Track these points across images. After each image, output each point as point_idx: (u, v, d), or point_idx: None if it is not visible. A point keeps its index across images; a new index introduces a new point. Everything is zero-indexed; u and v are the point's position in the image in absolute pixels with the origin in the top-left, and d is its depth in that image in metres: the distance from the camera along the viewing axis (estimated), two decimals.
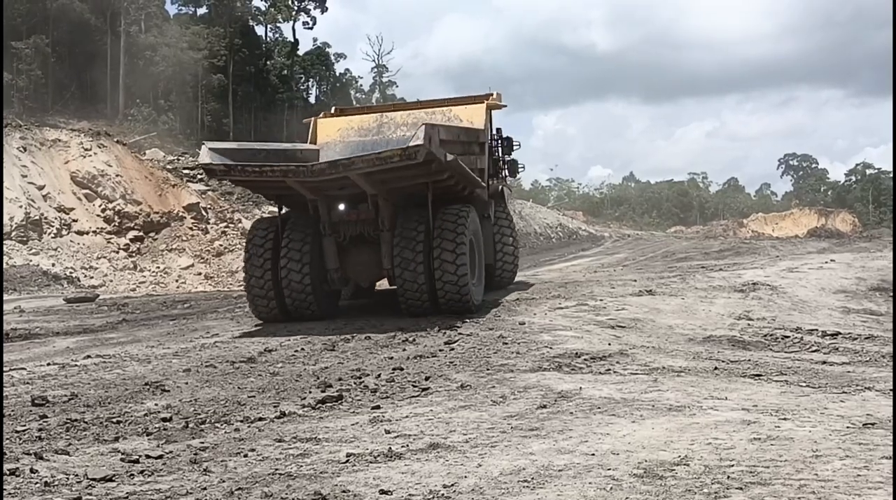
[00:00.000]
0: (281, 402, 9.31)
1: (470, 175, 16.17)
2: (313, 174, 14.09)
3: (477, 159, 17.90)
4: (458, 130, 17.13)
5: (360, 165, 13.55)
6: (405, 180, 15.14)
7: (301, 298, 15.99)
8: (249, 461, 6.88)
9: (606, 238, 62.34)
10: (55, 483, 6.23)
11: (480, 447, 7.08)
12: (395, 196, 15.69)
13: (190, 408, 9.12)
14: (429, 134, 13.30)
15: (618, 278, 23.63)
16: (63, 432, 8.04)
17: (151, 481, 6.37)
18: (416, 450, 7.03)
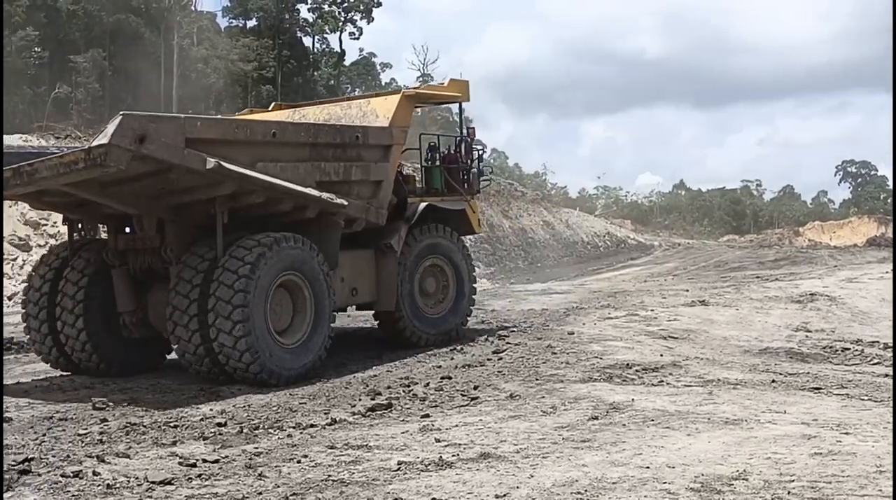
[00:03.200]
0: (332, 409, 9.42)
1: (295, 191, 11.65)
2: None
3: (367, 168, 13.10)
4: (279, 126, 12.34)
5: (44, 173, 9.68)
6: (176, 195, 11.27)
7: (79, 348, 12.07)
8: (303, 466, 6.98)
9: (656, 247, 61.83)
10: (117, 486, 6.38)
11: (532, 457, 7.09)
12: (188, 217, 11.56)
13: (244, 413, 9.27)
14: (127, 128, 9.43)
15: (669, 287, 23.48)
16: (123, 435, 8.23)
17: (209, 485, 6.49)
18: (466, 459, 7.07)
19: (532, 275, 38.98)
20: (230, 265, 10.82)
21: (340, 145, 12.74)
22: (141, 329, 12.14)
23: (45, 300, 12.22)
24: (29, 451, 7.41)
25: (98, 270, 12.12)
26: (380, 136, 13.40)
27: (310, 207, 12.00)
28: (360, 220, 13.04)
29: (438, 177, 15.19)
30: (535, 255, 49.43)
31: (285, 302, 11.66)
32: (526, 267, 44.90)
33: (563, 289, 22.34)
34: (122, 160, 9.42)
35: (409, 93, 14.46)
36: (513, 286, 30.38)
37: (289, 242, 11.40)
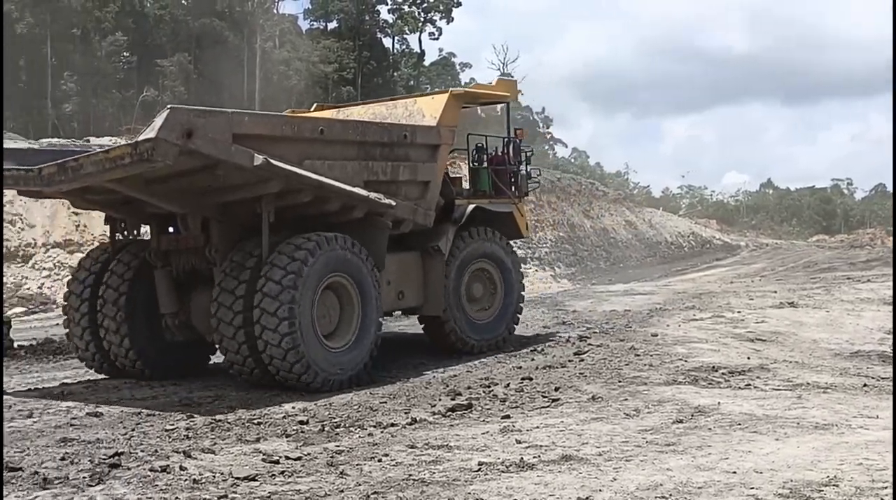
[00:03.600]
0: (412, 408, 9.44)
1: (343, 190, 11.30)
2: (44, 181, 9.92)
3: (415, 168, 12.73)
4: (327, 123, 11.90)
5: (89, 169, 9.42)
6: (222, 193, 10.95)
7: (121, 352, 11.85)
8: (383, 465, 7.00)
9: (742, 247, 60.65)
10: (202, 481, 6.48)
11: (615, 460, 6.99)
12: (234, 216, 11.25)
13: (325, 412, 9.35)
14: (174, 122, 9.19)
15: (756, 289, 23.01)
16: (209, 431, 8.38)
17: (291, 481, 6.55)
18: (548, 461, 7.00)
19: (614, 275, 38.63)
20: (275, 269, 10.47)
21: (388, 144, 12.36)
22: (184, 332, 11.85)
23: (87, 303, 12.00)
24: (119, 445, 7.59)
25: (140, 271, 11.87)
26: (427, 135, 13.03)
27: (357, 207, 11.64)
28: (407, 221, 12.66)
29: (486, 179, 14.81)
30: (616, 255, 48.95)
31: (332, 305, 11.28)
32: (608, 267, 44.51)
33: (646, 290, 22.04)
34: (170, 155, 9.12)
35: (456, 92, 14.10)
36: (594, 287, 30.15)
37: (336, 243, 11.07)
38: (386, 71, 74.49)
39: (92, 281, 12.02)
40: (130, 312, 11.72)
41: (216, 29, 63.33)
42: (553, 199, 50.49)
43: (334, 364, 10.91)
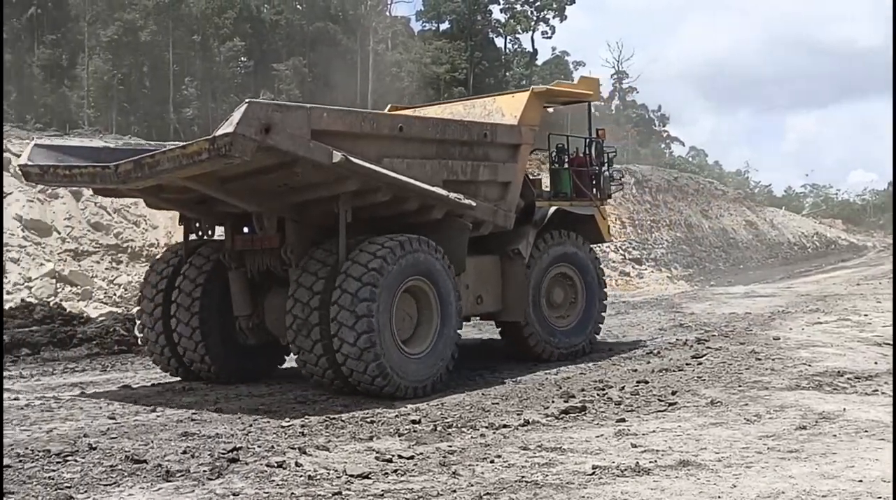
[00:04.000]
0: (524, 410, 9.37)
1: (423, 189, 10.93)
2: (120, 178, 9.70)
3: (495, 168, 12.33)
4: (406, 121, 11.55)
5: (165, 165, 9.22)
6: (299, 192, 10.61)
7: (193, 355, 11.68)
8: (496, 466, 6.95)
9: (869, 248, 58.50)
10: (317, 477, 6.56)
11: (734, 466, 6.78)
12: (310, 216, 10.97)
13: (437, 412, 9.37)
14: (252, 117, 8.94)
15: (884, 291, 22.08)
16: (323, 429, 8.49)
17: (404, 480, 6.57)
18: (664, 466, 6.84)
19: (733, 277, 37.74)
20: (353, 271, 10.11)
21: (468, 143, 11.96)
22: (257, 335, 11.67)
23: (161, 303, 11.83)
24: (237, 440, 7.76)
25: (214, 272, 11.70)
26: (508, 134, 12.60)
27: (436, 207, 11.26)
28: (487, 223, 12.26)
29: (567, 180, 14.29)
30: (736, 256, 47.81)
31: (410, 309, 10.92)
32: (727, 269, 43.52)
33: (767, 292, 21.40)
34: (247, 151, 8.88)
35: (538, 90, 13.54)
36: (712, 289, 29.53)
37: (415, 246, 10.67)
38: (498, 71, 74.53)
39: (165, 285, 11.89)
40: (204, 314, 11.56)
41: (330, 32, 64.53)
42: (670, 198, 49.70)
43: (412, 370, 10.48)
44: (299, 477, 6.57)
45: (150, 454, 7.14)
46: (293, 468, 6.80)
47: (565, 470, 6.79)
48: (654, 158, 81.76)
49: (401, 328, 10.63)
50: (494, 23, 77.51)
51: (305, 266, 10.52)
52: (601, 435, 8.00)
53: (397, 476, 6.68)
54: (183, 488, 6.26)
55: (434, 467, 6.94)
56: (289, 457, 7.13)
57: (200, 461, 6.94)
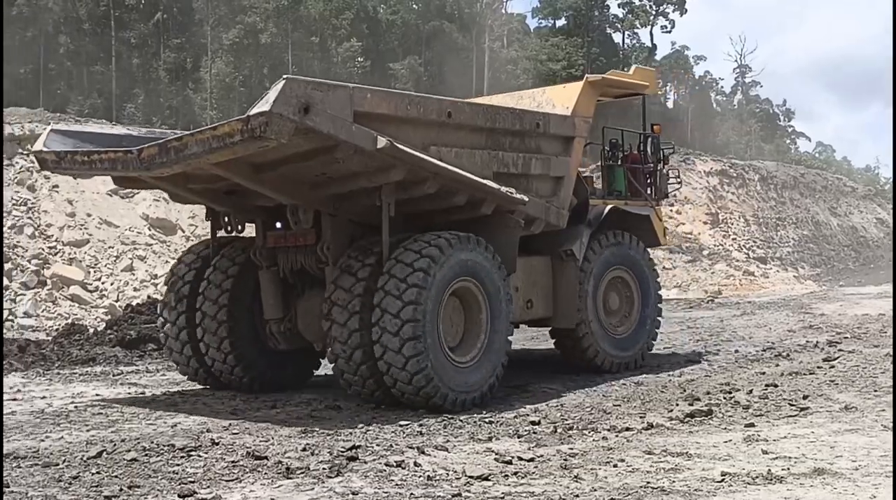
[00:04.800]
0: (647, 413, 9.10)
1: (474, 182, 9.99)
2: (143, 164, 8.89)
3: (548, 162, 11.34)
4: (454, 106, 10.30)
5: (193, 149, 8.40)
6: (338, 183, 9.80)
7: (220, 360, 10.84)
8: (619, 471, 6.74)
9: None
10: (436, 478, 6.48)
11: (873, 476, 6.40)
12: (349, 210, 10.12)
13: (557, 413, 9.19)
14: (290, 95, 8.15)
15: None
16: (441, 429, 8.42)
17: (525, 483, 6.42)
18: (798, 474, 6.50)
19: (864, 277, 36.29)
20: (398, 272, 9.23)
21: (519, 133, 10.96)
22: (289, 340, 10.77)
23: (185, 303, 10.99)
24: (356, 439, 7.76)
25: (244, 271, 10.85)
26: (561, 125, 11.56)
27: (486, 202, 10.28)
28: (538, 221, 11.20)
29: (621, 178, 13.31)
30: (867, 255, 45.97)
31: (457, 313, 9.99)
32: (857, 268, 41.89)
33: None
34: (284, 132, 8.06)
35: (592, 79, 12.50)
36: (842, 289, 28.45)
37: (464, 243, 9.77)
38: (615, 67, 73.53)
39: (192, 277, 11.10)
40: (232, 320, 10.72)
41: (445, 31, 64.86)
42: (796, 195, 48.17)
43: (460, 380, 9.58)
44: (418, 477, 6.50)
45: (271, 451, 7.19)
46: (412, 468, 6.73)
47: (692, 476, 6.52)
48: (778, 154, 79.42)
49: (448, 334, 9.74)
50: (612, 18, 76.67)
51: (344, 266, 9.64)
52: (729, 440, 7.69)
53: (517, 479, 6.53)
54: (303, 485, 6.26)
55: (555, 470, 6.77)
56: (407, 457, 7.08)
57: (320, 459, 6.95)
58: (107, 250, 23.15)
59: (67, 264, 22.34)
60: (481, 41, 67.42)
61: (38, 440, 7.85)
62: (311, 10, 59.41)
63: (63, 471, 6.54)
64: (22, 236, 22.68)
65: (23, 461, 6.95)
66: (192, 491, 6.00)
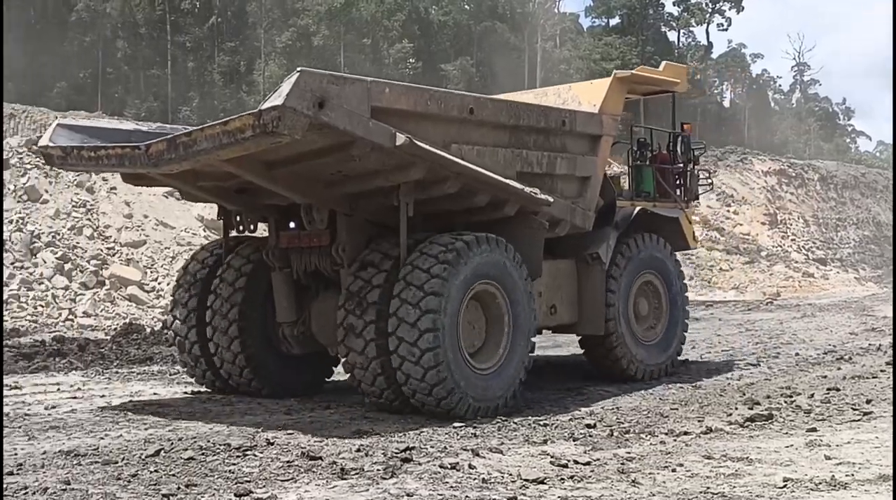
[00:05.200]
0: (706, 416, 8.94)
1: (497, 181, 9.55)
2: (151, 160, 8.52)
3: (573, 161, 10.87)
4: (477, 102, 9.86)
5: (203, 144, 8.01)
6: (355, 181, 9.44)
7: (231, 367, 10.48)
8: (678, 476, 6.61)
9: None
10: (491, 481, 6.42)
11: None
12: (365, 210, 9.72)
13: (613, 416, 9.07)
14: (305, 89, 7.78)
15: None
16: (495, 430, 8.36)
17: (581, 487, 6.33)
18: (863, 481, 6.33)
19: None
20: (415, 279, 8.83)
21: (544, 131, 10.49)
22: (302, 344, 10.41)
23: (195, 304, 10.64)
24: (409, 440, 7.72)
25: (256, 272, 10.46)
26: (589, 123, 11.09)
27: (509, 202, 9.86)
28: (563, 222, 10.72)
29: (650, 179, 12.73)
30: None
31: (478, 318, 9.58)
32: None
33: None
34: (298, 128, 7.71)
35: (621, 75, 12.02)
36: None
37: (484, 246, 9.31)
38: None
39: (199, 288, 10.72)
40: (243, 321, 10.35)
41: (497, 31, 64.74)
42: (856, 195, 47.27)
43: (481, 388, 9.19)
44: (473, 480, 6.44)
45: (326, 451, 7.19)
46: (466, 471, 6.67)
47: (753, 482, 6.38)
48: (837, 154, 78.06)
49: (469, 340, 9.35)
50: (667, 16, 75.97)
51: (361, 265, 9.27)
52: (791, 445, 7.52)
53: (574, 483, 6.44)
54: (357, 486, 6.24)
55: (612, 474, 6.67)
56: (462, 459, 7.02)
57: (374, 460, 6.92)
58: (163, 251, 23.48)
59: (125, 264, 22.72)
60: (533, 41, 67.19)
61: (98, 438, 7.95)
62: (363, 12, 59.72)
63: (122, 469, 6.60)
64: (81, 238, 23.10)
65: (83, 458, 7.04)
66: (247, 490, 6.01)
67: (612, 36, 69.26)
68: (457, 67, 61.01)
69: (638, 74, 12.37)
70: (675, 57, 74.82)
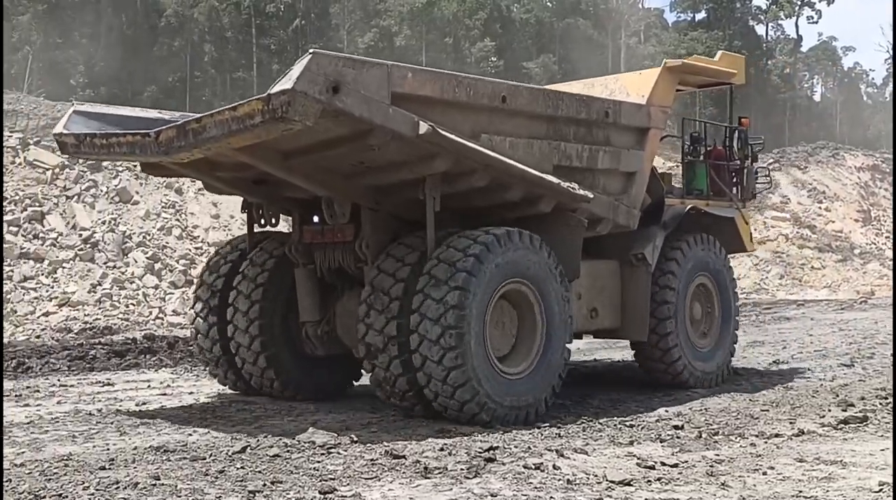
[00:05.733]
0: (797, 418, 8.71)
1: (529, 175, 8.96)
2: (161, 148, 8.04)
3: (618, 155, 10.20)
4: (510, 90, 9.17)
5: (212, 131, 7.54)
6: (377, 173, 8.91)
7: (253, 368, 10.07)
8: (769, 479, 6.44)
9: None
10: (576, 482, 6.33)
11: None
12: (391, 203, 9.23)
13: (701, 417, 8.89)
14: (317, 72, 7.28)
15: None
16: (580, 431, 8.26)
17: (669, 489, 6.20)
18: None
19: None
20: (440, 273, 8.31)
21: (585, 122, 9.82)
22: (327, 344, 9.94)
23: (217, 301, 10.22)
24: (493, 440, 7.67)
25: (280, 268, 10.03)
26: (634, 115, 10.41)
27: (545, 198, 9.28)
28: (605, 221, 10.06)
29: (703, 175, 12.02)
30: None
31: (510, 319, 9.06)
32: None
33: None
34: (310, 114, 7.20)
35: (672, 64, 11.31)
36: None
37: (516, 241, 8.76)
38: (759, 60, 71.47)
39: (221, 284, 10.30)
40: (265, 320, 9.90)
41: (580, 27, 64.25)
42: None
43: (510, 394, 8.63)
44: (557, 481, 6.36)
45: (409, 450, 7.19)
46: (551, 471, 6.59)
47: (848, 486, 6.17)
48: None
49: (497, 342, 8.84)
50: (754, 9, 74.42)
51: (385, 260, 8.76)
52: (886, 448, 7.26)
53: (661, 485, 6.31)
54: (441, 485, 6.22)
55: (700, 476, 6.52)
56: (546, 459, 6.95)
57: (458, 459, 6.89)
58: None
59: None
60: (617, 37, 66.53)
61: (187, 435, 8.10)
62: (444, 11, 59.90)
63: (210, 465, 6.70)
64: (170, 238, 23.68)
65: (172, 454, 7.17)
66: (332, 488, 6.04)
67: (698, 30, 68.09)
68: (539, 65, 60.74)
69: (690, 64, 11.72)
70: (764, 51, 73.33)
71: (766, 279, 34.99)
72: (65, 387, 11.17)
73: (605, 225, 10.10)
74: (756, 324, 18.35)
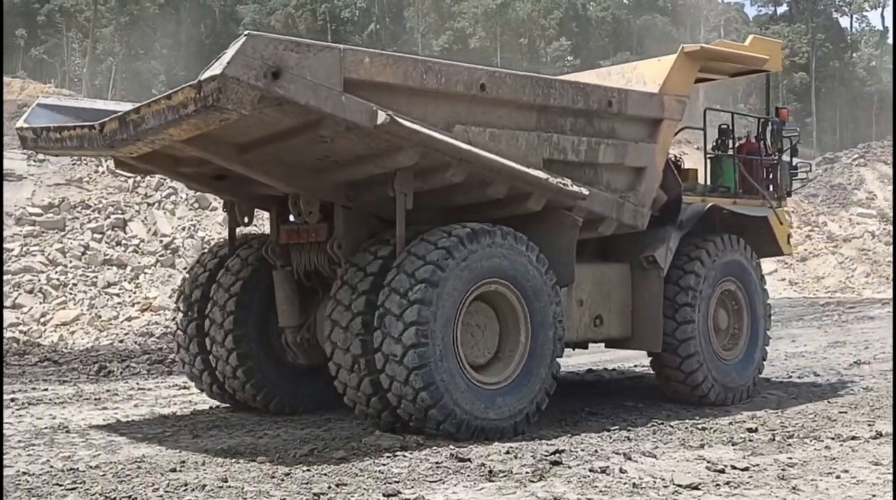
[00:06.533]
0: (876, 420, 8.46)
1: (511, 169, 8.20)
2: (106, 140, 7.36)
3: (624, 148, 9.30)
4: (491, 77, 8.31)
5: (151, 122, 6.85)
6: (343, 168, 8.15)
7: (230, 375, 9.33)
8: (842, 483, 6.27)
9: None
10: (643, 486, 6.24)
11: None
12: (365, 201, 8.52)
13: (776, 420, 8.70)
14: (253, 55, 6.59)
15: None
16: (650, 434, 8.15)
17: (737, 493, 6.07)
18: None
19: None
20: (407, 266, 7.67)
21: (584, 113, 8.98)
22: (308, 353, 9.20)
23: (197, 309, 9.53)
24: (560, 443, 7.61)
25: (257, 272, 9.36)
26: (644, 104, 9.48)
27: (533, 195, 8.47)
28: (608, 220, 9.22)
29: (731, 172, 11.06)
30: None
31: (487, 323, 8.34)
32: None
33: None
34: (245, 102, 6.55)
35: (690, 49, 10.12)
36: None
37: (493, 238, 8.04)
38: (843, 53, 69.76)
39: (200, 294, 9.65)
40: (240, 320, 9.25)
41: (658, 24, 63.49)
42: None
43: (484, 405, 7.91)
44: (623, 484, 6.28)
45: (474, 453, 7.17)
46: (617, 475, 6.51)
47: None
48: None
49: (472, 348, 8.18)
50: (838, 1, 72.55)
51: (346, 269, 8.14)
52: None
53: (730, 489, 6.18)
54: (505, 488, 6.19)
55: (771, 480, 6.37)
56: (613, 462, 6.86)
57: (523, 463, 6.85)
58: None
59: None
60: (696, 33, 65.51)
61: (257, 437, 8.22)
62: (519, 11, 59.81)
63: (276, 467, 6.78)
64: None
65: (241, 456, 7.29)
66: (396, 491, 6.06)
67: (780, 24, 66.73)
68: (615, 62, 60.30)
69: (711, 49, 10.51)
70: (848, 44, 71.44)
71: (851, 278, 34.09)
72: (143, 390, 11.44)
73: (609, 225, 9.30)
74: (839, 324, 17.87)
